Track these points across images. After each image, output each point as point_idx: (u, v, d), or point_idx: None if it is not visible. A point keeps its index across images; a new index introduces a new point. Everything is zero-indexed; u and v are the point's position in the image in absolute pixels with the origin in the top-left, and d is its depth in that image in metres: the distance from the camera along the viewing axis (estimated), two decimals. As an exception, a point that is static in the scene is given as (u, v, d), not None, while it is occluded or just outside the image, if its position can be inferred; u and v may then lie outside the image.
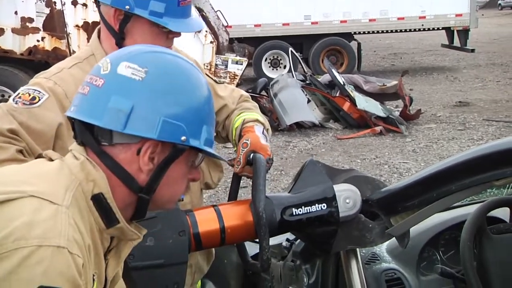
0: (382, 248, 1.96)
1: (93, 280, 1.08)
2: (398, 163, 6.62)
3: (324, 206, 1.60)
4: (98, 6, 1.81)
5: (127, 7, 1.70)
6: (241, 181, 1.80)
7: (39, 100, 1.69)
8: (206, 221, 1.56)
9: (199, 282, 2.10)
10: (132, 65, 1.10)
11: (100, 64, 1.14)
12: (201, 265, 2.02)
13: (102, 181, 1.10)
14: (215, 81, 2.06)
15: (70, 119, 1.15)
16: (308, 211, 1.59)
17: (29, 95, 1.70)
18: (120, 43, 1.73)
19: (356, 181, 1.67)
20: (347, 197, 1.62)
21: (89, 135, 1.12)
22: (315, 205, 1.60)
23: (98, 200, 1.09)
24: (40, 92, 1.71)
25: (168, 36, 1.76)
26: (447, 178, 1.44)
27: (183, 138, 1.10)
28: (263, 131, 1.82)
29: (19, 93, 1.72)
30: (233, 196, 1.80)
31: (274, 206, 1.58)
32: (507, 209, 1.88)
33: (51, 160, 1.15)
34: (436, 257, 1.99)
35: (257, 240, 1.56)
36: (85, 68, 1.74)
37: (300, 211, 1.59)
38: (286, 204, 1.60)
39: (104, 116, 1.08)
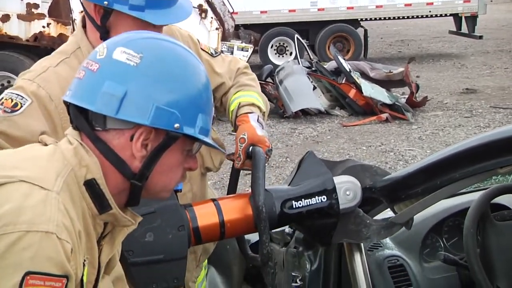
0: (385, 235, 1.95)
1: (84, 265, 1.08)
2: (404, 151, 6.60)
3: (324, 198, 1.59)
4: None
5: (106, 2, 1.63)
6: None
7: (21, 106, 1.64)
8: (205, 216, 1.55)
9: (206, 261, 2.10)
10: (127, 50, 1.10)
11: (97, 48, 1.14)
12: (206, 247, 2.01)
13: (95, 166, 1.10)
14: (211, 54, 1.99)
15: (66, 103, 1.15)
16: (308, 203, 1.58)
17: (12, 101, 1.65)
18: (104, 37, 1.66)
19: (354, 171, 1.66)
20: (348, 189, 1.61)
21: (83, 120, 1.11)
22: (315, 197, 1.58)
23: (91, 186, 1.09)
24: (23, 97, 1.65)
25: (155, 26, 1.69)
26: (451, 166, 1.43)
27: (176, 125, 1.09)
28: (258, 118, 1.78)
29: (1, 98, 1.67)
30: (232, 189, 1.78)
31: (274, 199, 1.58)
32: (511, 196, 1.87)
33: (45, 145, 1.15)
34: (440, 244, 1.99)
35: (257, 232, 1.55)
36: (73, 64, 1.69)
37: (300, 203, 1.58)
38: (286, 197, 1.59)
39: (97, 101, 1.08)
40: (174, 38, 1.80)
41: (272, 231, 2.10)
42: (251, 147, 1.68)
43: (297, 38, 9.95)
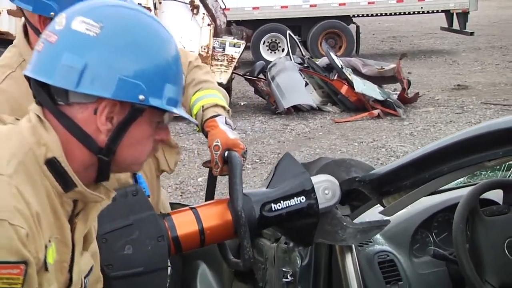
0: (375, 230, 1.96)
1: (46, 247, 1.04)
2: (396, 147, 6.62)
3: (303, 199, 1.57)
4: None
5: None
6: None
7: None
8: (184, 224, 1.54)
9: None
10: (87, 20, 1.05)
11: (56, 19, 1.09)
12: None
13: (55, 144, 1.06)
14: None
15: (27, 77, 1.10)
16: (287, 205, 1.57)
17: None
18: None
19: (329, 168, 1.64)
20: (326, 188, 1.60)
21: (45, 95, 1.07)
22: (293, 198, 1.57)
23: (52, 164, 1.06)
24: None
25: None
26: (439, 159, 1.43)
27: (141, 97, 1.05)
28: (225, 120, 1.75)
29: None
30: (210, 195, 1.77)
31: (253, 203, 1.56)
32: (500, 191, 1.88)
33: (4, 124, 1.10)
34: (429, 239, 1.99)
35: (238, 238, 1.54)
36: (19, 77, 1.57)
37: (279, 206, 1.57)
38: (265, 200, 1.57)
39: (56, 74, 1.03)
40: None
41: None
42: (226, 153, 1.65)
43: (289, 34, 9.96)
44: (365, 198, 1.70)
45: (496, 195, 1.90)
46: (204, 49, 8.19)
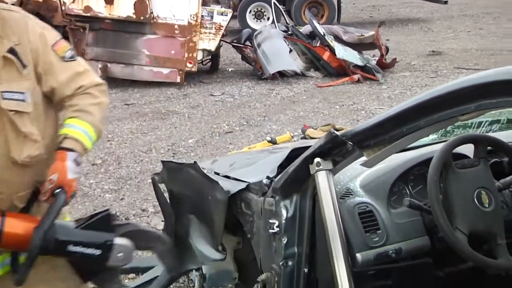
0: (356, 184, 1.97)
1: None
2: (374, 109, 6.64)
3: (99, 252, 1.78)
4: None
5: None
6: (227, 126, 1.75)
7: None
8: None
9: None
10: None
11: None
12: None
13: None
14: (62, 58, 1.76)
15: None
16: (84, 251, 1.76)
17: None
18: None
19: (133, 236, 1.88)
20: (121, 251, 1.81)
21: None
22: (91, 248, 1.77)
23: None
24: None
25: None
26: (416, 114, 1.43)
27: None
28: (76, 158, 1.74)
29: None
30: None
31: (57, 235, 1.72)
32: (471, 146, 1.89)
33: None
34: (406, 191, 2.00)
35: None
36: None
37: (77, 248, 1.75)
38: (68, 238, 1.75)
39: None
40: (23, 32, 1.68)
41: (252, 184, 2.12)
42: (56, 190, 1.71)
43: (274, 3, 9.83)
44: (346, 153, 1.70)
45: (468, 149, 1.91)
46: (193, 17, 8.06)
